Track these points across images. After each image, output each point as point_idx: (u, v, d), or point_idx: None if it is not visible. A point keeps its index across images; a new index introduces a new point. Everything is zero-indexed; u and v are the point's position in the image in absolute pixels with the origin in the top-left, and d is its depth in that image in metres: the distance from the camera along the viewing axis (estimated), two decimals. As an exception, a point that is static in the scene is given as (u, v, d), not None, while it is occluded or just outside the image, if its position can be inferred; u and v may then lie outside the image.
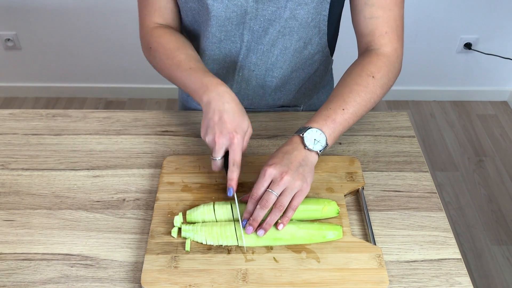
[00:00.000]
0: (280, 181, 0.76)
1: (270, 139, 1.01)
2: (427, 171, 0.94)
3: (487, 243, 1.93)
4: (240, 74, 1.01)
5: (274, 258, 0.76)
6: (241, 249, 0.77)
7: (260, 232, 0.76)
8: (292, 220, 0.80)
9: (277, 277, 0.73)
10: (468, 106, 2.65)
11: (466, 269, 0.77)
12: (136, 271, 0.76)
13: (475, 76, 2.60)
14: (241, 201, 0.82)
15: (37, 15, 2.33)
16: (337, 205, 0.83)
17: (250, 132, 0.83)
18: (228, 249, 0.77)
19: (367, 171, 0.94)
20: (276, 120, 1.06)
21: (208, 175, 0.90)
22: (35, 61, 2.53)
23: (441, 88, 2.65)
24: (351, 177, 0.90)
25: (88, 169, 0.94)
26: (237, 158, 0.79)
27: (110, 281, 0.75)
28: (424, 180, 0.92)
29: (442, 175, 2.23)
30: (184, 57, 0.89)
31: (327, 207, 0.81)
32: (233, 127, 0.79)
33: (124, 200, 0.88)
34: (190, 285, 0.72)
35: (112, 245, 0.80)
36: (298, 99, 1.11)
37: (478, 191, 2.15)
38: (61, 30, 2.38)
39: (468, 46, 2.43)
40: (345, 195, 0.87)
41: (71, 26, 2.37)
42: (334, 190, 0.87)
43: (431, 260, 0.78)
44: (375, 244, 0.79)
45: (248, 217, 0.78)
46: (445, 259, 0.78)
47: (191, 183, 0.88)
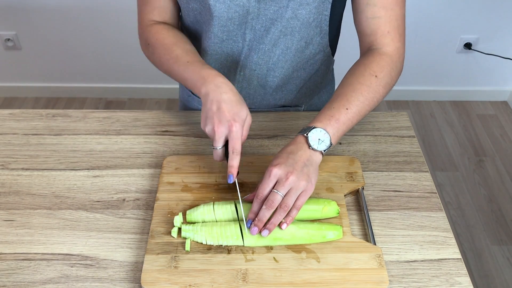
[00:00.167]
0: (286, 181, 0.76)
1: (270, 139, 1.01)
2: (427, 171, 0.94)
3: (487, 243, 1.93)
4: (242, 73, 1.02)
5: (274, 258, 0.76)
6: (241, 249, 0.77)
7: (265, 232, 0.76)
8: (292, 220, 0.80)
9: (277, 277, 0.73)
10: (468, 106, 2.65)
11: (466, 269, 0.77)
12: (136, 271, 0.76)
13: (475, 76, 2.60)
14: (244, 201, 0.82)
15: (37, 15, 2.33)
16: (337, 205, 0.83)
17: (249, 120, 0.83)
18: (228, 249, 0.77)
19: (367, 171, 0.94)
20: (276, 120, 1.06)
21: (208, 175, 0.90)
22: (35, 61, 2.53)
23: (441, 88, 2.65)
24: (351, 177, 0.90)
25: (88, 169, 0.94)
26: (236, 146, 0.79)
27: (110, 281, 0.75)
28: (424, 180, 0.92)
29: (442, 175, 2.23)
30: (182, 52, 0.91)
31: (327, 207, 0.81)
32: (232, 116, 0.80)
33: (124, 200, 0.88)
34: (190, 285, 0.72)
35: (112, 245, 0.80)
36: (299, 99, 1.11)
37: (478, 191, 2.15)
38: (61, 30, 2.38)
39: (468, 46, 2.43)
40: (345, 195, 0.87)
41: (71, 26, 2.37)
42: (334, 190, 0.87)
43: (431, 260, 0.78)
44: (375, 244, 0.79)
45: (253, 217, 0.77)
46: (445, 259, 0.78)
47: (191, 183, 0.88)
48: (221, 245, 0.77)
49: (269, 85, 1.04)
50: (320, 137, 0.80)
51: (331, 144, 0.81)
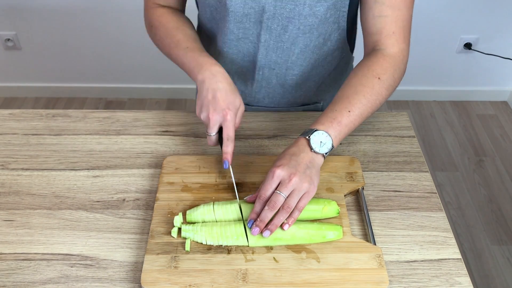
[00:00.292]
0: (289, 183, 0.76)
1: (270, 139, 1.01)
2: (427, 171, 0.94)
3: (487, 243, 1.93)
4: (261, 73, 1.02)
5: (274, 258, 0.76)
6: (241, 249, 0.77)
7: (266, 233, 0.76)
8: (292, 220, 0.80)
9: (277, 277, 0.73)
10: (468, 106, 2.65)
11: (466, 269, 0.77)
12: (136, 271, 0.76)
13: (475, 76, 2.60)
14: (243, 202, 0.82)
15: (37, 15, 2.33)
16: (337, 205, 0.83)
17: (243, 109, 0.86)
18: (228, 249, 0.77)
19: (367, 171, 0.94)
20: (276, 120, 1.06)
21: (208, 175, 0.90)
22: (35, 61, 2.53)
23: (441, 88, 2.65)
24: (351, 177, 0.90)
25: (88, 169, 0.94)
26: (230, 133, 0.83)
27: (110, 281, 0.75)
28: (424, 180, 0.92)
29: (442, 175, 2.23)
30: (183, 37, 0.93)
31: (327, 207, 0.81)
32: (226, 104, 0.83)
33: (124, 200, 0.88)
34: (190, 285, 0.72)
35: (112, 245, 0.80)
36: (318, 96, 1.11)
37: (478, 191, 2.15)
38: (61, 30, 2.38)
39: (468, 46, 2.43)
40: (345, 195, 0.87)
41: (71, 26, 2.37)
42: (334, 190, 0.87)
43: (431, 260, 0.78)
44: (375, 244, 0.79)
45: (255, 217, 0.77)
46: (445, 259, 0.78)
47: (191, 183, 0.88)
48: (221, 245, 0.77)
49: (288, 83, 1.04)
50: (322, 139, 0.80)
51: (332, 147, 0.80)
